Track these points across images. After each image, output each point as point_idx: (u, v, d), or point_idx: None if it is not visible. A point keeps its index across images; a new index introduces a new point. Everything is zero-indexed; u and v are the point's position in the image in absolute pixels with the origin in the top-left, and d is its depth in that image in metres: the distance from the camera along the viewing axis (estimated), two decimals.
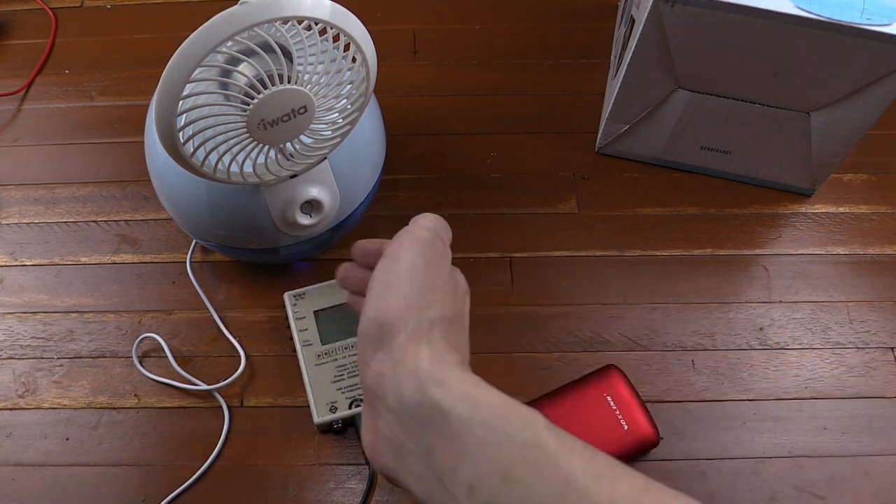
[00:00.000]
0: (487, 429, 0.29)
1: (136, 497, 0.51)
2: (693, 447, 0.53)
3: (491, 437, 0.29)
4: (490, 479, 0.29)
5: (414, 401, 0.31)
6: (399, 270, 0.34)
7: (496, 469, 0.29)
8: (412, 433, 0.31)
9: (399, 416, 0.31)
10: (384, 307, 0.33)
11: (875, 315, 0.58)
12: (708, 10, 0.50)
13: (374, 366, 0.32)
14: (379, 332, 0.33)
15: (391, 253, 0.35)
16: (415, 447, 0.31)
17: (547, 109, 0.68)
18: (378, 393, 0.32)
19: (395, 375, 0.31)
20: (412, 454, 0.31)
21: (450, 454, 0.29)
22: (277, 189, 0.49)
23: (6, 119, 0.68)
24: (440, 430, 0.30)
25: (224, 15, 0.38)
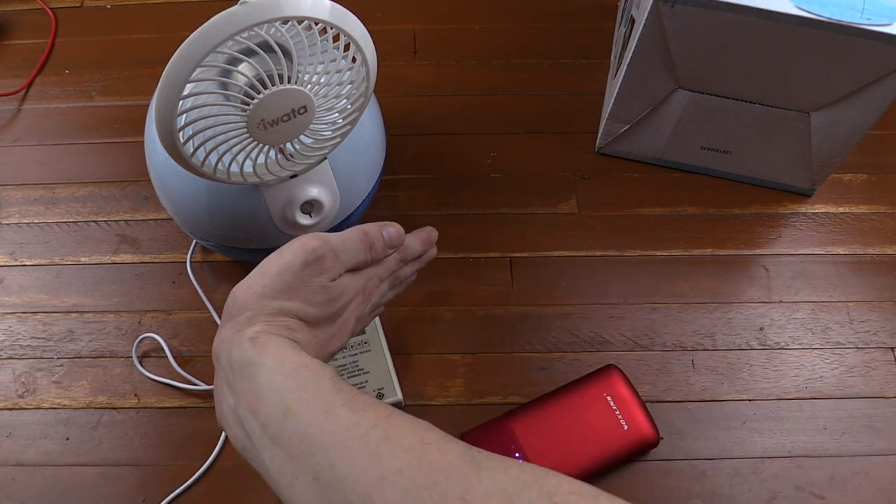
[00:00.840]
0: (282, 376, 0.35)
1: (136, 497, 0.51)
2: (693, 447, 0.53)
3: (283, 383, 0.34)
4: (275, 416, 0.34)
5: (236, 358, 0.36)
6: (276, 263, 0.39)
7: (279, 406, 0.34)
8: (231, 385, 0.36)
9: (226, 374, 0.36)
10: (245, 288, 0.39)
11: (875, 315, 0.58)
12: (708, 10, 0.50)
13: (220, 332, 0.38)
14: (233, 306, 0.39)
15: (284, 247, 0.40)
16: (232, 398, 0.36)
17: (547, 109, 0.68)
18: (217, 354, 0.38)
19: (231, 340, 0.37)
20: (230, 406, 0.36)
21: (252, 398, 0.35)
22: (277, 189, 0.49)
23: (6, 119, 0.68)
24: (249, 381, 0.35)
25: (224, 15, 0.38)
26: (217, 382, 0.38)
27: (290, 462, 0.33)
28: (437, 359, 0.56)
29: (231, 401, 0.36)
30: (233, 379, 0.36)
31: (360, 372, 0.53)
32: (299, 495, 0.32)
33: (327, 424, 0.33)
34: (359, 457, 0.32)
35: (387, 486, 0.30)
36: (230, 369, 0.36)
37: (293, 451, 0.33)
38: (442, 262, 0.60)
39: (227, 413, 0.36)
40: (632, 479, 0.51)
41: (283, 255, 0.40)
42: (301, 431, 0.33)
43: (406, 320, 0.58)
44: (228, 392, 0.36)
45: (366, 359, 0.54)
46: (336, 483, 0.31)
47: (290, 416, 0.33)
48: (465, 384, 0.55)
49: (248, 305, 0.38)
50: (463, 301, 0.59)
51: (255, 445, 0.34)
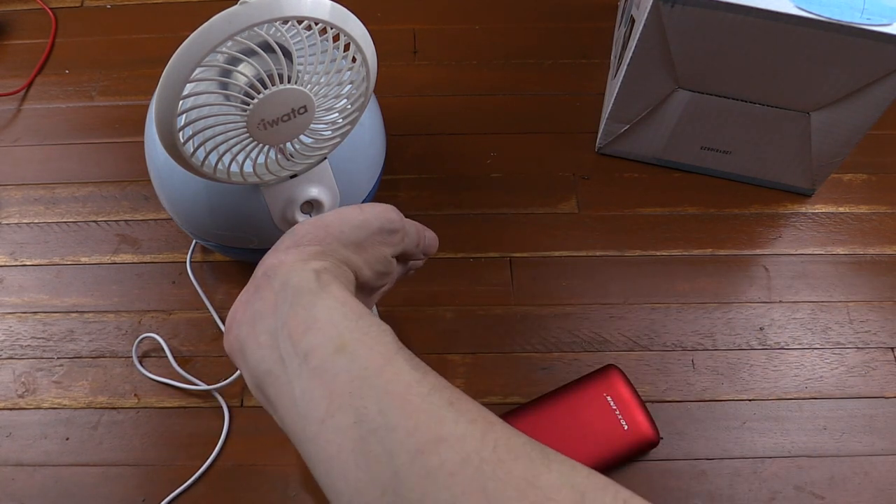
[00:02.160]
0: (342, 315, 0.33)
1: (136, 497, 0.51)
2: (693, 447, 0.53)
3: (342, 321, 0.33)
4: (324, 349, 0.32)
5: (294, 283, 0.34)
6: (356, 216, 0.39)
7: (333, 340, 0.32)
8: (277, 307, 0.34)
9: (275, 294, 0.35)
10: (322, 225, 0.38)
11: (875, 315, 0.58)
12: (708, 10, 0.50)
13: (280, 255, 0.36)
14: (302, 235, 0.37)
15: (366, 205, 0.39)
16: (273, 319, 0.34)
17: (547, 109, 0.68)
18: (270, 274, 0.36)
19: (292, 265, 0.35)
20: (267, 326, 0.34)
21: (300, 325, 0.33)
22: (277, 189, 0.49)
23: (6, 119, 0.68)
24: (303, 309, 0.33)
25: (224, 15, 0.38)
26: (250, 298, 0.36)
27: (328, 398, 0.31)
28: (437, 359, 0.56)
29: (270, 322, 0.34)
30: (282, 302, 0.34)
31: None
32: (329, 433, 0.30)
33: (385, 372, 0.31)
34: (418, 413, 0.29)
35: (444, 449, 0.28)
36: (282, 291, 0.34)
37: (337, 388, 0.31)
38: (442, 262, 0.60)
39: (258, 332, 0.34)
40: (632, 479, 0.51)
41: (364, 212, 0.39)
42: (353, 371, 0.31)
43: (406, 320, 0.58)
44: (270, 313, 0.34)
45: None
46: (382, 431, 0.29)
47: (343, 352, 0.32)
48: (465, 384, 0.55)
49: (319, 240, 0.37)
50: (463, 301, 0.59)
51: (287, 373, 0.32)
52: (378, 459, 0.29)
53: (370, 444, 0.29)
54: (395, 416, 0.29)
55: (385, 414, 0.29)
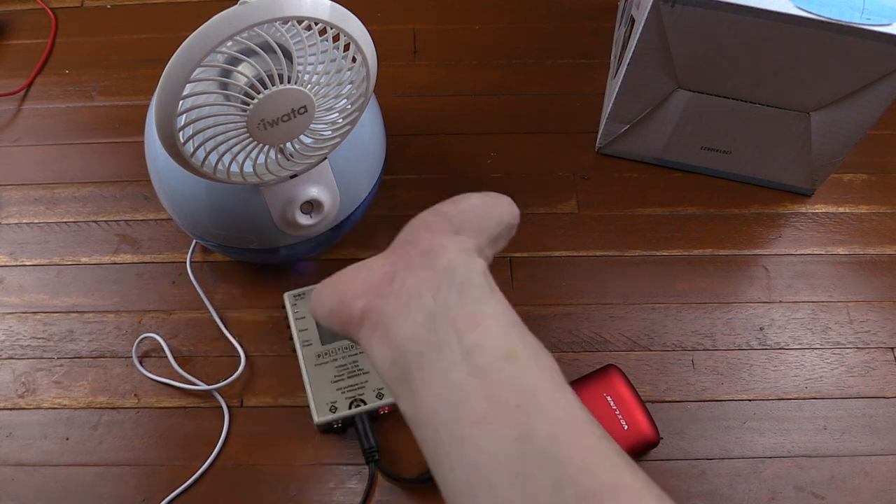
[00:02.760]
0: (511, 321, 0.33)
1: (136, 497, 0.51)
2: (693, 447, 0.53)
3: (512, 327, 0.32)
4: (493, 351, 0.31)
5: (463, 273, 0.34)
6: (497, 212, 0.39)
7: (504, 345, 0.31)
8: (440, 291, 0.33)
9: (438, 276, 0.34)
10: (476, 214, 0.37)
11: (875, 315, 0.58)
12: (708, 10, 0.50)
13: (439, 238, 0.36)
14: (460, 222, 0.37)
15: (502, 199, 0.40)
16: (431, 300, 0.33)
17: (547, 109, 0.68)
18: (431, 254, 0.35)
19: (459, 254, 0.35)
20: (425, 305, 0.33)
21: (468, 318, 0.32)
22: (277, 189, 0.49)
23: (6, 119, 0.68)
24: (473, 303, 0.33)
25: (224, 15, 0.38)
26: (398, 272, 0.34)
27: (488, 401, 0.30)
28: None
29: (429, 302, 0.33)
30: (446, 287, 0.33)
31: (360, 372, 0.53)
32: (484, 439, 0.29)
33: (558, 398, 0.30)
34: (592, 452, 0.28)
35: (623, 496, 0.27)
36: (449, 276, 0.33)
37: (501, 395, 0.30)
38: None
39: (413, 310, 0.33)
40: None
41: (500, 206, 0.39)
42: (523, 384, 0.30)
43: None
44: (430, 294, 0.33)
45: (366, 359, 0.54)
46: (550, 459, 0.28)
47: (514, 361, 0.31)
48: None
49: (476, 232, 0.37)
50: None
51: (443, 360, 0.31)
52: (539, 485, 0.28)
53: (531, 466, 0.28)
54: (567, 448, 0.28)
55: (556, 441, 0.28)
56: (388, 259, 0.36)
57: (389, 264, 0.35)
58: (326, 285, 0.37)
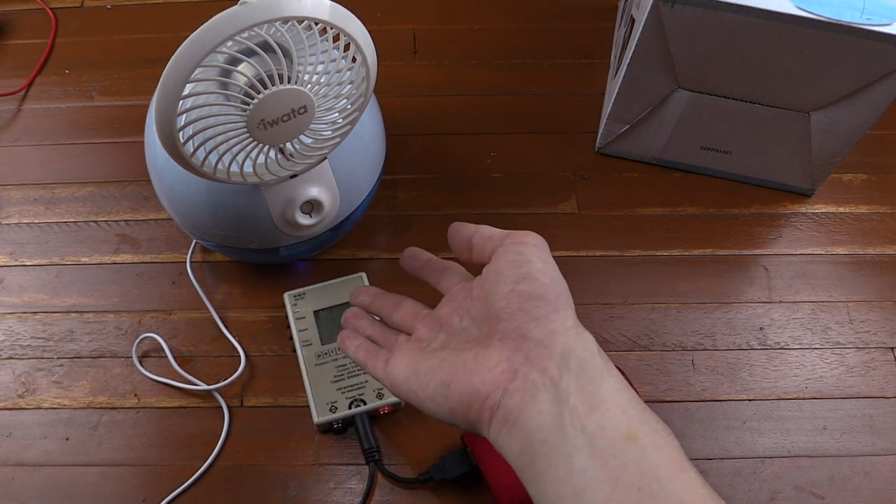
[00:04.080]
0: (628, 400, 0.34)
1: (136, 497, 0.51)
2: (693, 447, 0.53)
3: (630, 407, 0.33)
4: (613, 432, 0.32)
5: (579, 357, 0.35)
6: (549, 258, 0.39)
7: (623, 427, 0.32)
8: (561, 378, 0.34)
9: (557, 365, 0.35)
10: (560, 282, 0.38)
11: (875, 315, 0.58)
12: (708, 10, 0.50)
13: (544, 323, 0.36)
14: (555, 299, 0.37)
15: (534, 242, 0.39)
16: (553, 390, 0.34)
17: (547, 109, 0.68)
18: (545, 343, 0.35)
19: (567, 335, 0.36)
20: (549, 396, 0.34)
21: (587, 401, 0.33)
22: (277, 189, 0.49)
23: (6, 119, 0.68)
24: (587, 386, 0.34)
25: (224, 15, 0.38)
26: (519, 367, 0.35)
27: (611, 484, 0.31)
28: None
29: (552, 392, 0.34)
30: (566, 373, 0.34)
31: (360, 372, 0.53)
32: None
33: (679, 479, 0.31)
34: None
35: None
36: (566, 362, 0.34)
37: (623, 478, 0.31)
38: None
39: (539, 401, 0.34)
40: None
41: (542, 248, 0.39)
42: (643, 465, 0.31)
43: None
44: (552, 384, 0.34)
45: None
46: None
47: (634, 442, 0.32)
48: None
49: (568, 301, 0.37)
50: None
51: (567, 445, 0.32)
52: None
53: None
54: None
55: None
56: (504, 354, 0.36)
57: (507, 360, 0.36)
58: (439, 387, 0.38)
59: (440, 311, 0.43)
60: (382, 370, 0.41)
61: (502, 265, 0.39)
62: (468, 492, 0.51)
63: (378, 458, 0.51)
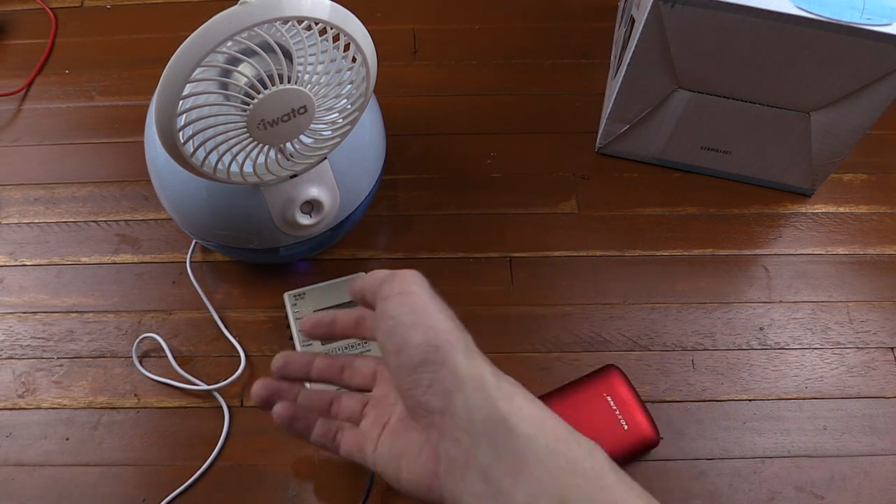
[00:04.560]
0: (549, 451, 0.31)
1: (136, 497, 0.51)
2: (693, 447, 0.53)
3: (551, 460, 0.31)
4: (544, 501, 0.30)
5: (483, 414, 0.32)
6: (421, 301, 0.35)
7: (553, 493, 0.30)
8: (475, 449, 0.32)
9: (467, 432, 0.32)
10: (433, 330, 0.34)
11: (875, 315, 0.58)
12: (708, 10, 0.50)
13: (437, 386, 0.33)
14: (435, 353, 0.34)
15: (400, 289, 0.36)
16: (475, 465, 0.31)
17: (547, 109, 0.68)
18: (447, 411, 0.33)
19: (464, 390, 0.32)
20: (473, 473, 0.32)
21: (508, 473, 0.31)
22: (277, 189, 0.49)
23: (6, 119, 0.68)
24: (502, 446, 0.31)
25: (224, 15, 0.38)
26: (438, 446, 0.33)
27: None
28: None
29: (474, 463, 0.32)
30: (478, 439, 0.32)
31: None
32: None
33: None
34: None
35: None
36: (472, 427, 0.32)
37: None
38: (442, 263, 0.60)
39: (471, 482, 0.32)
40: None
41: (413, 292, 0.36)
42: None
43: None
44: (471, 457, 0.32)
45: None
46: None
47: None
48: None
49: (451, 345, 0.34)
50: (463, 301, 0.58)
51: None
52: None
53: None
54: None
55: None
56: (422, 436, 0.35)
57: (425, 441, 0.34)
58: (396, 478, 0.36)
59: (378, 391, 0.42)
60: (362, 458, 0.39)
61: (382, 339, 0.37)
62: None
63: None
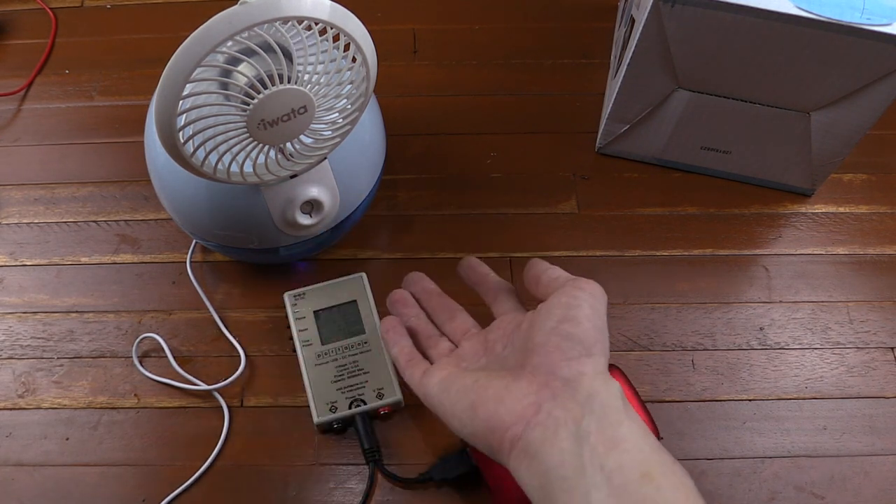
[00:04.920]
0: (644, 440, 0.36)
1: (136, 497, 0.51)
2: (693, 447, 0.53)
3: (646, 446, 0.36)
4: (630, 471, 0.34)
5: (603, 400, 0.37)
6: (602, 308, 0.40)
7: (639, 465, 0.34)
8: (581, 418, 0.36)
9: (581, 405, 0.36)
10: (600, 332, 0.39)
11: (875, 315, 0.58)
12: (708, 10, 0.50)
13: (576, 366, 0.38)
14: (590, 343, 0.39)
15: (592, 291, 0.41)
16: (575, 428, 0.36)
17: (547, 109, 0.68)
18: (573, 383, 0.37)
19: (595, 379, 0.37)
20: (570, 433, 0.36)
21: (607, 441, 0.35)
22: (277, 189, 0.49)
23: (6, 119, 0.68)
24: (608, 426, 0.36)
25: (224, 15, 0.38)
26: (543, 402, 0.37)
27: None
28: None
29: (573, 429, 0.36)
30: (588, 413, 0.36)
31: (360, 372, 0.53)
32: None
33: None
34: None
35: None
36: (590, 404, 0.36)
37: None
38: (442, 262, 0.60)
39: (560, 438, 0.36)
40: None
41: (596, 296, 0.41)
42: (658, 502, 0.33)
43: None
44: (575, 421, 0.36)
45: (366, 359, 0.54)
46: None
47: (649, 480, 0.34)
48: None
49: (598, 348, 0.39)
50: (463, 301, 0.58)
51: (586, 482, 0.34)
52: None
53: None
54: None
55: None
56: (532, 388, 0.38)
57: (534, 394, 0.38)
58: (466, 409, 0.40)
59: (489, 335, 0.45)
60: (418, 380, 0.42)
61: (554, 304, 0.41)
62: (468, 492, 0.51)
63: (378, 458, 0.51)
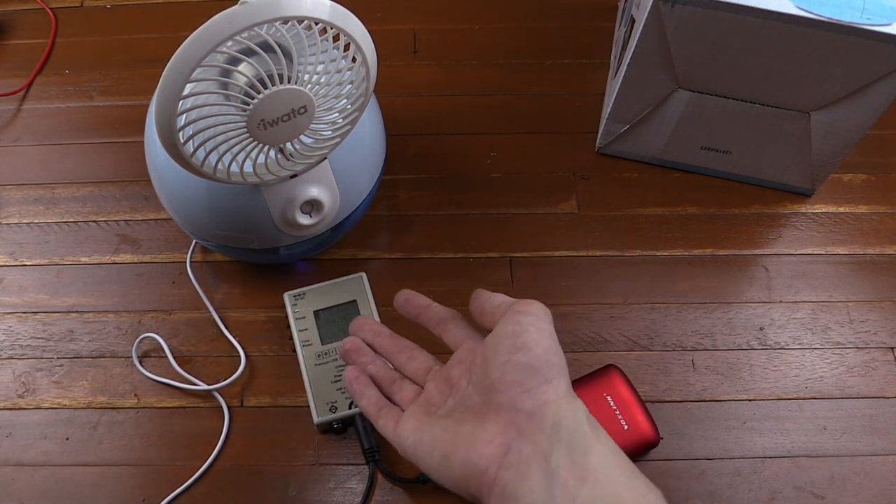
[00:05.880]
0: (618, 468, 0.35)
1: (136, 497, 0.51)
2: (693, 447, 0.53)
3: (619, 476, 0.35)
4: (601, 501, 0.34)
5: (569, 427, 0.36)
6: (549, 329, 0.39)
7: (610, 497, 0.34)
8: (550, 453, 0.35)
9: (548, 437, 0.36)
10: (554, 353, 0.38)
11: (875, 315, 0.58)
12: (708, 10, 0.50)
13: (537, 395, 0.37)
14: (548, 369, 0.38)
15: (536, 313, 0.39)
16: (545, 464, 0.35)
17: (547, 109, 0.68)
18: (536, 415, 0.37)
19: (559, 405, 0.37)
20: (540, 471, 0.35)
21: (574, 476, 0.34)
22: (277, 189, 0.49)
23: (6, 119, 0.68)
24: (578, 457, 0.35)
25: (224, 15, 0.38)
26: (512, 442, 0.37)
27: None
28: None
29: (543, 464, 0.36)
30: (557, 446, 0.36)
31: None
32: None
33: None
34: None
35: None
36: (556, 434, 0.36)
37: None
38: (442, 262, 0.60)
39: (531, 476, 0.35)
40: None
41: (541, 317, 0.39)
42: None
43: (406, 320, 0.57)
44: (544, 457, 0.36)
45: None
46: None
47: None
48: None
49: (559, 370, 0.38)
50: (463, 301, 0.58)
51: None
52: None
53: None
54: None
55: None
56: (498, 428, 0.38)
57: (501, 434, 0.37)
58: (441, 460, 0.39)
59: (451, 371, 0.43)
60: (392, 431, 0.42)
61: (501, 335, 0.39)
62: None
63: (378, 458, 0.51)
